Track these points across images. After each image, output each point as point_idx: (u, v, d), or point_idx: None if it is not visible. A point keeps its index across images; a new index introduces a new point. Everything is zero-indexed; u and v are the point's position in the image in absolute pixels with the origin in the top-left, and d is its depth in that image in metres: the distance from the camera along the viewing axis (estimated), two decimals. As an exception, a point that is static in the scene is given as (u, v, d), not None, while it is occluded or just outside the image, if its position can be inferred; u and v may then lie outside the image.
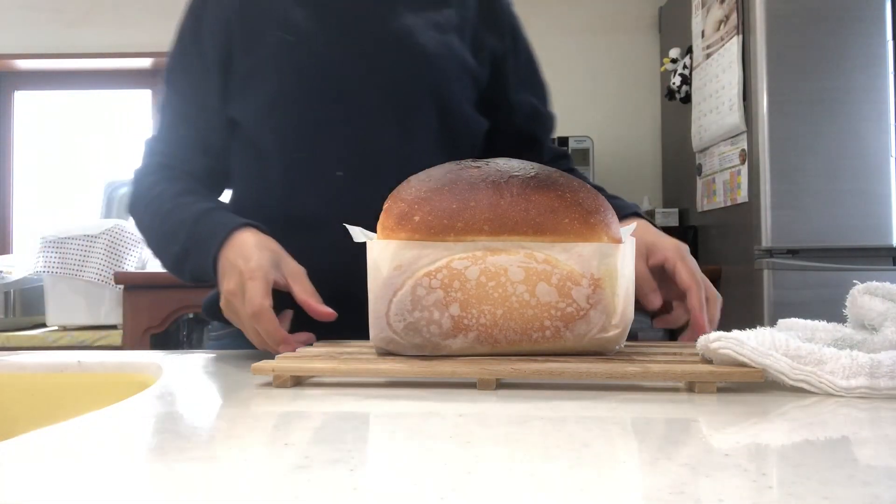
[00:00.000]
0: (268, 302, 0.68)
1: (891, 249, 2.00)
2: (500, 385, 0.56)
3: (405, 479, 0.33)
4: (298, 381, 0.59)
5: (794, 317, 0.68)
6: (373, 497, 0.31)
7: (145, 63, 3.09)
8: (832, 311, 0.63)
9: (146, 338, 2.11)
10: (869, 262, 1.98)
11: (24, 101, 3.22)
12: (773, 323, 0.68)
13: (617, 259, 0.60)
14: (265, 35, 0.89)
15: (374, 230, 0.63)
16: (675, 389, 0.55)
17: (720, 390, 0.54)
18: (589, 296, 0.59)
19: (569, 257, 0.59)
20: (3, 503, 0.30)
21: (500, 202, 0.60)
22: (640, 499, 0.31)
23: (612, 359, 0.59)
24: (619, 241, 0.61)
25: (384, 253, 0.59)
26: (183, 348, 2.31)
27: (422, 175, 0.64)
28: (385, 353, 0.62)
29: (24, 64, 3.12)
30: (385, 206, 0.62)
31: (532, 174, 0.62)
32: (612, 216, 0.63)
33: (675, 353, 0.62)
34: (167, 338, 2.21)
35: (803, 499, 0.30)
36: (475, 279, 0.58)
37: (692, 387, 0.54)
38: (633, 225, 0.69)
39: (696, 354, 0.59)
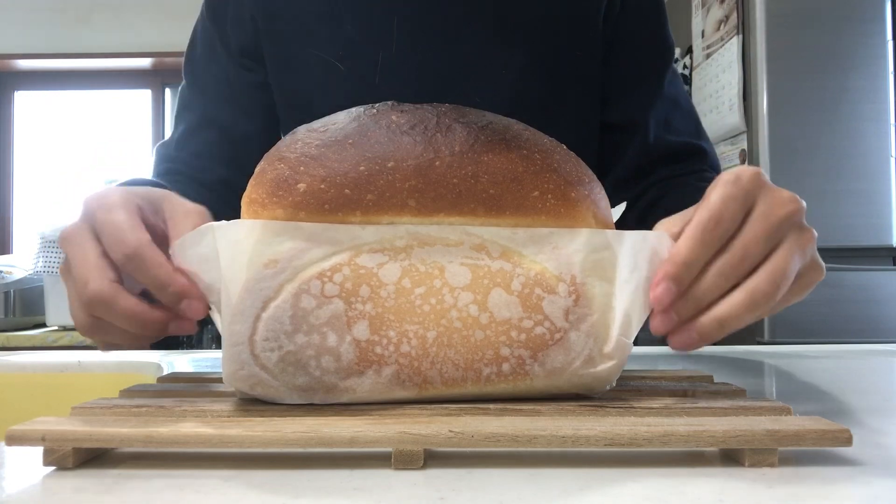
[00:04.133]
0: (145, 235, 0.40)
1: (891, 249, 2.00)
2: (431, 458, 0.35)
3: None
4: (94, 456, 0.36)
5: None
6: None
7: (145, 63, 3.09)
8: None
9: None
10: (869, 262, 1.98)
11: (24, 101, 3.22)
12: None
13: (613, 254, 0.41)
14: (300, 50, 0.72)
15: None
16: (703, 457, 0.36)
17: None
18: (569, 309, 0.40)
19: (539, 250, 0.41)
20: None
21: (434, 164, 0.40)
22: None
23: (607, 408, 0.39)
24: (610, 225, 0.43)
25: (248, 241, 0.38)
26: (183, 348, 2.31)
27: (315, 123, 0.43)
28: (249, 398, 0.41)
29: (24, 64, 3.12)
30: (256, 169, 0.41)
31: (483, 123, 0.43)
32: (601, 191, 0.44)
33: (685, 393, 0.44)
34: (167, 338, 2.21)
35: (803, 499, 0.30)
36: (394, 284, 0.39)
37: (734, 455, 0.35)
38: (622, 205, 0.49)
39: (717, 392, 0.45)
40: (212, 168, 0.76)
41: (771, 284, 0.39)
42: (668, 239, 0.41)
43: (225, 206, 0.63)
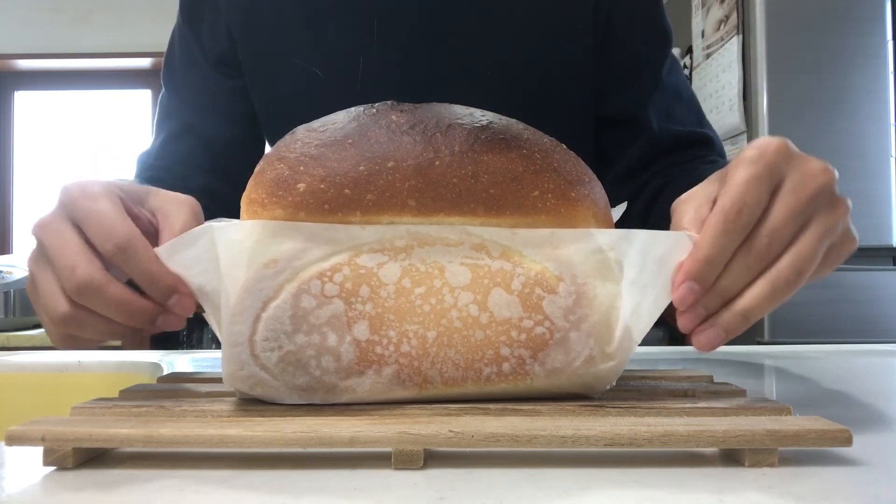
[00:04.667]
0: (134, 227, 0.39)
1: (891, 249, 2.00)
2: (431, 458, 0.35)
3: None
4: (94, 456, 0.36)
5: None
6: None
7: (145, 63, 3.09)
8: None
9: (146, 338, 2.11)
10: (869, 262, 1.98)
11: (24, 101, 3.22)
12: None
13: (618, 254, 0.41)
14: (279, 58, 0.70)
15: None
16: (703, 457, 0.35)
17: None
18: (569, 309, 0.39)
19: (539, 250, 0.40)
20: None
21: (434, 164, 0.40)
22: None
23: (607, 408, 0.39)
24: (610, 224, 0.43)
25: (248, 241, 0.38)
26: (183, 348, 2.31)
27: (315, 123, 0.43)
28: (249, 398, 0.40)
29: (24, 64, 3.12)
30: (256, 169, 0.41)
31: (483, 123, 0.43)
32: (601, 190, 0.44)
33: (685, 393, 0.44)
34: (167, 338, 2.21)
35: (803, 499, 0.30)
36: (394, 284, 0.39)
37: (734, 455, 0.35)
38: (623, 205, 0.49)
39: (717, 392, 0.44)
40: (194, 176, 0.74)
41: (795, 272, 0.37)
42: (688, 240, 0.40)
43: (207, 216, 0.62)
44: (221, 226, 0.39)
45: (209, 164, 0.75)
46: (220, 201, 0.69)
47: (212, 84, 0.75)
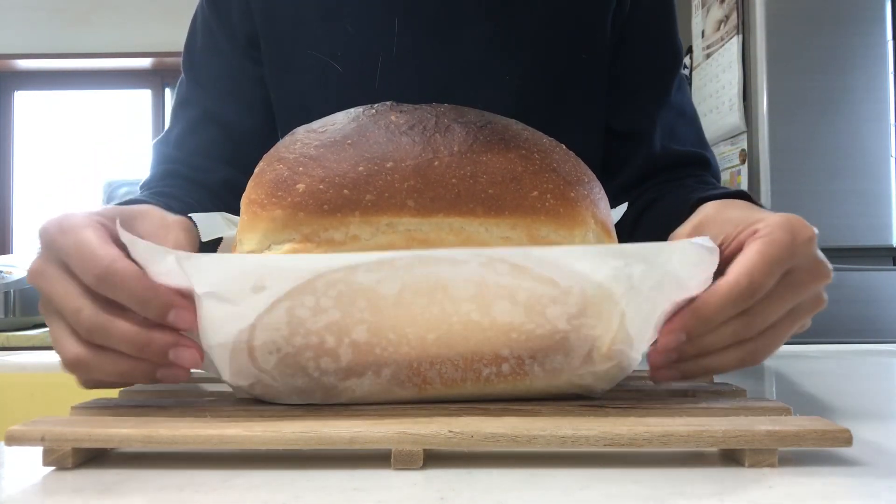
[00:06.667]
0: (115, 251, 0.37)
1: (891, 249, 2.00)
2: (430, 458, 0.35)
3: None
4: (94, 456, 0.36)
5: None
6: None
7: (145, 63, 3.10)
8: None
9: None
10: (869, 262, 1.98)
11: (24, 101, 3.23)
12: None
13: (625, 265, 0.39)
14: (298, 49, 0.70)
15: None
16: (703, 457, 0.36)
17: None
18: (571, 315, 0.39)
19: (548, 266, 0.39)
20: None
21: (433, 164, 0.40)
22: None
23: (607, 408, 0.39)
24: (608, 229, 0.44)
25: (250, 242, 0.39)
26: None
27: (315, 124, 0.43)
28: (248, 398, 0.41)
29: (24, 64, 3.12)
30: (256, 170, 0.42)
31: (482, 123, 0.43)
32: (600, 191, 0.44)
33: (686, 393, 0.45)
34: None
35: (803, 499, 0.30)
36: (394, 295, 0.38)
37: (734, 455, 0.35)
38: (624, 205, 0.51)
39: (717, 392, 0.45)
40: (213, 168, 0.72)
41: (766, 353, 0.41)
42: (707, 252, 0.38)
43: (227, 210, 0.59)
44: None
45: (230, 154, 0.72)
46: (240, 194, 0.68)
47: (236, 70, 0.73)
